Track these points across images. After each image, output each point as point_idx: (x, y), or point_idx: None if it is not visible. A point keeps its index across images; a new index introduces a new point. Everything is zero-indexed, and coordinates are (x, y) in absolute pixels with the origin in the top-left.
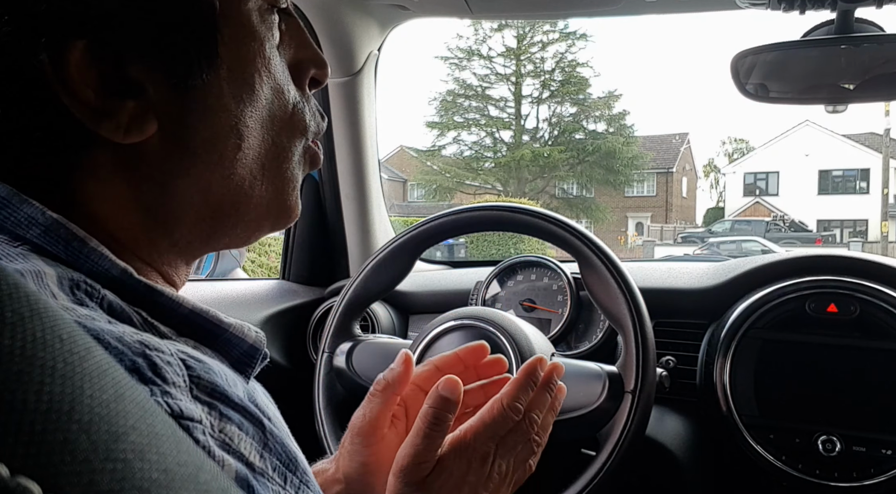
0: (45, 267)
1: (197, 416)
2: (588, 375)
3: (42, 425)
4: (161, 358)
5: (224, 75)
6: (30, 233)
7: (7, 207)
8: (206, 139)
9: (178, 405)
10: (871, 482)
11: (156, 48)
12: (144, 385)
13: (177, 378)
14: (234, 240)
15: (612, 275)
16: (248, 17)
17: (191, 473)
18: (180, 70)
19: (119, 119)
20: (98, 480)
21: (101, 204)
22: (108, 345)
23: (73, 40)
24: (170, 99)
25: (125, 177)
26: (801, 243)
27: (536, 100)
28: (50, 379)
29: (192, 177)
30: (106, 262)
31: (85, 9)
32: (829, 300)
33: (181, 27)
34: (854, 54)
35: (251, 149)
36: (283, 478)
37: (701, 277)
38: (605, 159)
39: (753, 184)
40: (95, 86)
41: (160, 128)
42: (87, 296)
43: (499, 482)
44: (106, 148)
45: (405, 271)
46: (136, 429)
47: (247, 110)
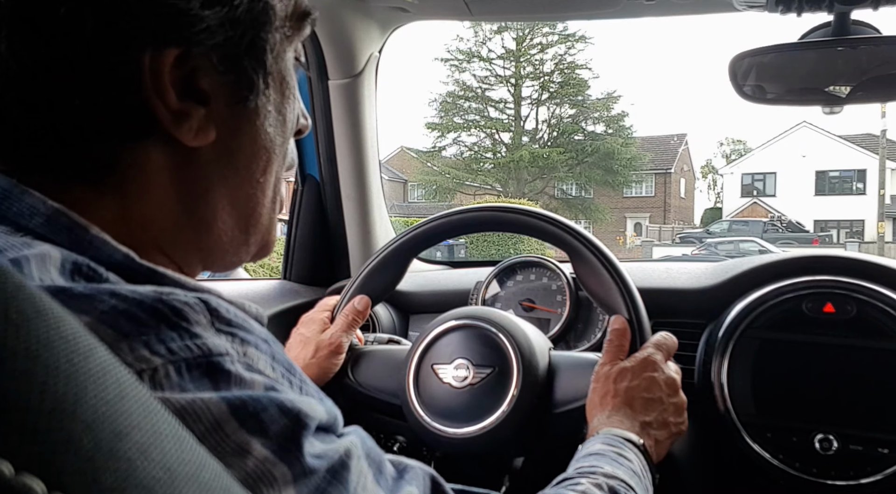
0: (51, 250)
1: (224, 349)
2: (586, 364)
3: (46, 424)
4: (178, 300)
5: (270, 104)
6: (32, 223)
7: (8, 198)
8: (247, 155)
9: (206, 344)
10: (867, 480)
11: (229, 67)
12: (171, 329)
13: (198, 316)
14: (232, 259)
15: (607, 271)
16: (288, 62)
17: (193, 471)
18: (243, 90)
19: (191, 123)
20: (101, 478)
21: (144, 197)
22: (124, 298)
23: (171, 47)
24: (228, 113)
25: (173, 178)
26: (798, 243)
27: (536, 101)
28: (54, 379)
29: (228, 188)
30: (108, 248)
31: (187, 24)
32: (826, 300)
33: (251, 54)
34: (851, 56)
35: (270, 175)
36: (289, 382)
37: (699, 277)
38: (603, 160)
39: (751, 185)
40: (176, 91)
41: (216, 137)
42: (87, 280)
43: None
44: (164, 147)
45: (404, 272)
46: (138, 428)
47: (278, 139)
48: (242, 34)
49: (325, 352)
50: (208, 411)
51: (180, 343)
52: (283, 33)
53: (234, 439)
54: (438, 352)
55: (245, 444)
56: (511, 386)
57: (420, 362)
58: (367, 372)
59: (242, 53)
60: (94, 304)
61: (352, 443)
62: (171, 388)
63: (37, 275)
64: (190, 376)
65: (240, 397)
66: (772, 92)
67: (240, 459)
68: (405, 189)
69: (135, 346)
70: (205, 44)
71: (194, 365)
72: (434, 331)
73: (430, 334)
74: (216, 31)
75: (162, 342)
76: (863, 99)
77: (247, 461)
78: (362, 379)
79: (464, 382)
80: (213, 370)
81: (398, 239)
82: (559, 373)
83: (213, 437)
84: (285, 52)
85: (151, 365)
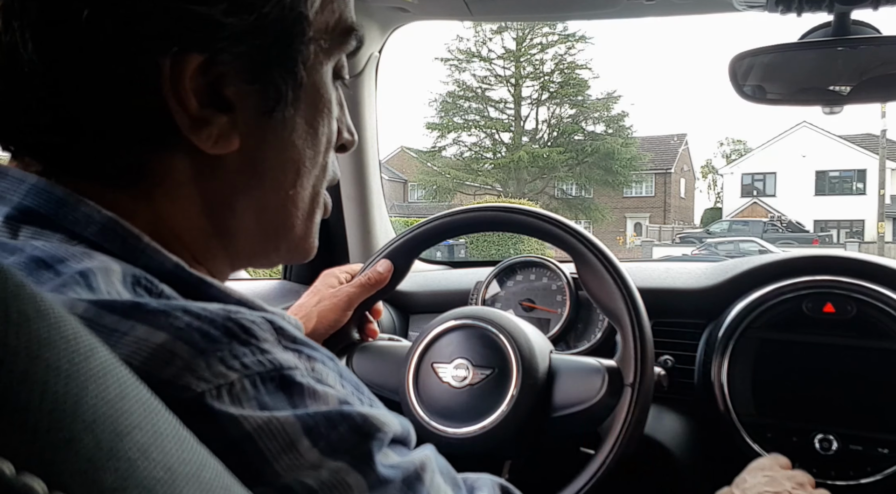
0: (111, 264)
1: (293, 363)
2: (587, 370)
3: (47, 424)
4: (246, 319)
5: (300, 116)
6: (87, 231)
7: (65, 206)
8: (274, 167)
9: (276, 359)
10: (867, 480)
11: (257, 76)
12: (243, 346)
13: (265, 334)
14: (262, 262)
15: (607, 271)
16: (325, 75)
17: (194, 471)
18: (270, 100)
19: (211, 130)
20: (102, 478)
21: (171, 204)
22: (198, 315)
23: (194, 53)
24: (254, 123)
25: (198, 185)
26: (798, 243)
27: (536, 101)
28: (54, 379)
29: (253, 198)
30: (160, 256)
31: (209, 30)
32: (826, 300)
33: (280, 64)
34: (851, 56)
35: (303, 188)
36: (359, 399)
37: (699, 277)
38: (603, 160)
39: (751, 185)
40: (199, 97)
41: (240, 146)
42: (146, 292)
43: None
44: (187, 154)
45: (405, 272)
46: (139, 428)
47: (308, 152)
48: (271, 44)
49: (328, 303)
50: (283, 430)
51: (252, 358)
52: (319, 46)
53: (307, 457)
54: (438, 352)
55: (318, 460)
56: (510, 386)
57: (420, 361)
58: (367, 367)
59: (271, 63)
60: (170, 320)
61: (426, 457)
62: (248, 401)
63: (104, 288)
64: (265, 389)
65: (313, 415)
66: (772, 92)
67: (314, 471)
68: (405, 189)
69: (211, 362)
70: (230, 51)
71: (268, 379)
72: (434, 331)
73: (430, 333)
74: (241, 38)
75: (235, 357)
76: (863, 99)
77: (321, 472)
78: (362, 372)
79: (463, 382)
80: (286, 383)
81: (398, 239)
82: (559, 377)
83: (287, 456)
84: (322, 65)
85: (228, 380)
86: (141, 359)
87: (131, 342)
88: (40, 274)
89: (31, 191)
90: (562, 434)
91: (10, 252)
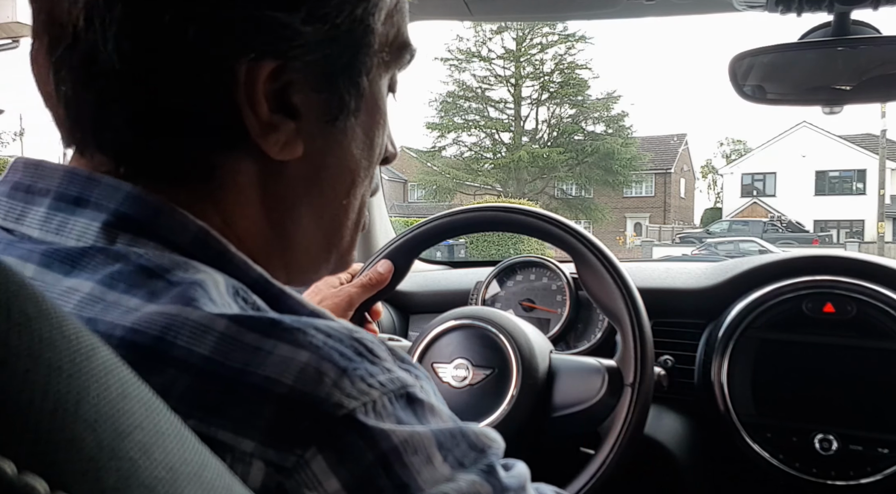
0: (214, 274)
1: (412, 381)
2: (587, 370)
3: (48, 423)
4: (367, 339)
5: (359, 126)
6: (181, 240)
7: (160, 214)
8: (333, 175)
9: (399, 377)
10: (867, 480)
11: (323, 85)
12: (373, 365)
13: (384, 353)
14: (311, 277)
15: (607, 271)
16: (382, 88)
17: (195, 470)
18: (334, 109)
19: (279, 136)
20: (104, 477)
21: (238, 209)
22: (328, 333)
23: (269, 59)
24: (317, 131)
25: (262, 191)
26: (798, 243)
27: (536, 101)
28: (56, 378)
29: (312, 206)
30: (245, 267)
31: (287, 38)
32: (826, 300)
33: (346, 74)
34: (851, 56)
35: (354, 198)
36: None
37: (699, 277)
38: (603, 160)
39: (751, 185)
40: (269, 103)
41: (304, 153)
42: (244, 301)
43: None
44: (253, 159)
45: (405, 272)
46: (141, 428)
47: (363, 162)
48: (340, 53)
49: (330, 303)
50: (423, 445)
51: (384, 376)
52: (381, 58)
53: (441, 471)
54: (438, 352)
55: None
56: (510, 386)
57: (420, 361)
58: None
59: (338, 72)
60: (308, 339)
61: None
62: (388, 417)
63: (219, 300)
64: (399, 405)
65: (442, 431)
66: (772, 92)
67: (452, 483)
68: (405, 189)
69: (354, 380)
70: (302, 59)
71: (398, 396)
72: (434, 331)
73: (430, 333)
74: (315, 47)
75: (372, 376)
76: (863, 99)
77: (458, 484)
78: None
79: (463, 382)
80: (412, 400)
81: (398, 239)
82: (559, 377)
83: (427, 470)
84: (381, 77)
85: (371, 398)
86: (292, 378)
87: (278, 360)
88: (152, 284)
89: (127, 198)
90: (562, 434)
91: (115, 258)
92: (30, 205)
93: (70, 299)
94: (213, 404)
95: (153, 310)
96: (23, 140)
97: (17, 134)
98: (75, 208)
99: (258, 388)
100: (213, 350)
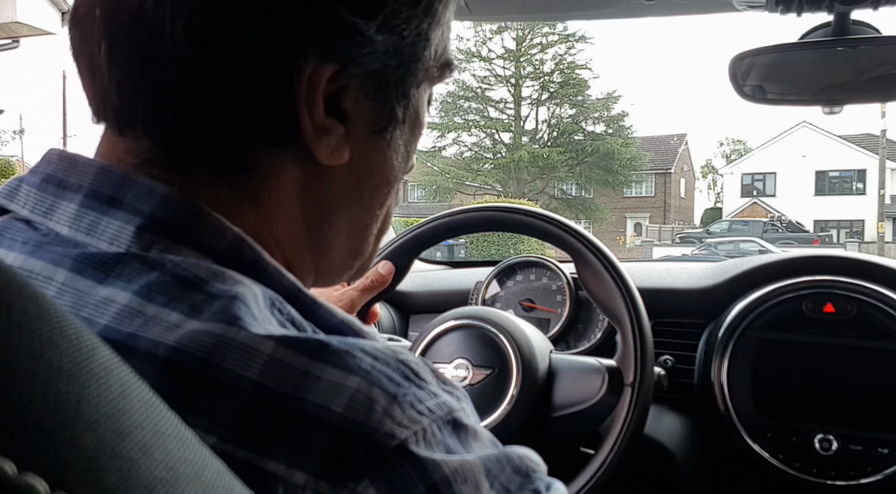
0: (252, 285)
1: (456, 405)
2: (587, 370)
3: (49, 423)
4: (412, 361)
5: (402, 138)
6: (217, 247)
7: (196, 219)
8: (373, 185)
9: (446, 402)
10: (867, 480)
11: (378, 94)
12: (420, 390)
13: (429, 375)
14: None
15: (607, 271)
16: (424, 101)
17: (195, 470)
18: (384, 119)
19: (330, 140)
20: (104, 477)
21: (276, 209)
22: (375, 356)
23: (332, 62)
24: (364, 138)
25: (303, 193)
26: (798, 243)
27: (536, 101)
28: (56, 378)
29: (350, 212)
30: (278, 275)
31: (357, 44)
32: (826, 300)
33: (400, 85)
34: (851, 56)
35: (384, 208)
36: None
37: (699, 277)
38: (603, 160)
39: (751, 185)
40: (325, 106)
41: (349, 160)
42: (279, 313)
43: None
44: (297, 161)
45: (405, 272)
46: (141, 427)
47: (399, 174)
48: (399, 65)
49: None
50: (472, 473)
51: (432, 402)
52: (431, 73)
53: None
54: (438, 352)
55: None
56: (510, 386)
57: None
58: None
59: (393, 83)
60: (357, 362)
61: (564, 488)
62: (437, 446)
63: (259, 317)
64: (447, 432)
65: (488, 457)
66: (772, 92)
67: None
68: (405, 189)
69: (405, 408)
70: (365, 66)
71: (446, 422)
72: (434, 331)
73: (430, 334)
74: (379, 56)
75: (420, 401)
76: (863, 99)
77: None
78: None
79: (463, 382)
80: (457, 426)
81: (398, 239)
82: (559, 376)
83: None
84: (425, 91)
85: (422, 426)
86: (343, 405)
87: (328, 386)
88: (192, 296)
89: (163, 201)
90: (562, 434)
91: (150, 266)
92: (60, 199)
93: (107, 311)
94: (264, 433)
95: (197, 328)
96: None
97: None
98: (108, 208)
99: (309, 417)
100: (261, 373)
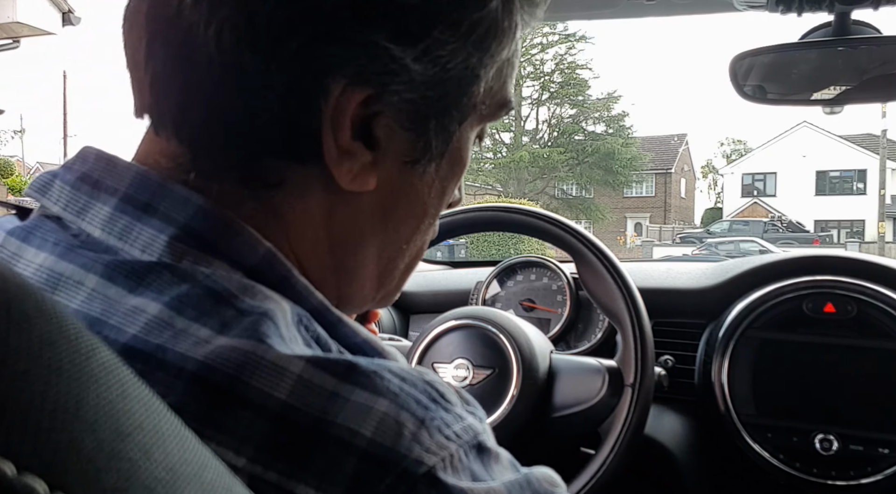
0: (281, 301)
1: (480, 428)
2: (588, 370)
3: (48, 424)
4: (438, 382)
5: (438, 173)
6: (247, 260)
7: (229, 232)
8: (402, 217)
9: (471, 426)
10: (868, 480)
11: (413, 124)
12: (447, 412)
13: (454, 397)
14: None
15: (607, 271)
16: (470, 138)
17: (195, 471)
18: (418, 151)
19: (353, 164)
20: (104, 478)
21: (300, 229)
22: (402, 378)
23: (365, 87)
24: (394, 168)
25: (327, 217)
26: (798, 243)
27: (536, 101)
28: (56, 379)
29: (376, 241)
30: (306, 292)
31: (393, 71)
32: (827, 300)
33: (440, 118)
34: (851, 56)
35: (414, 243)
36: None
37: (699, 277)
38: (603, 160)
39: (751, 185)
40: (353, 130)
41: (376, 188)
42: (306, 330)
43: None
44: (324, 182)
45: None
46: (141, 428)
47: (432, 210)
48: (440, 97)
49: None
50: None
51: (459, 426)
52: (480, 110)
53: None
54: (438, 352)
55: None
56: (511, 386)
57: (420, 361)
58: None
59: (432, 115)
60: (385, 384)
61: None
62: (464, 471)
63: (287, 336)
64: (472, 457)
65: (512, 483)
66: (772, 92)
67: None
68: None
69: (432, 433)
70: (400, 95)
71: (471, 446)
72: (434, 331)
73: (431, 333)
74: (417, 86)
75: (448, 425)
76: (863, 99)
77: None
78: None
79: (463, 382)
80: (482, 450)
81: None
82: (560, 377)
83: None
84: (472, 128)
85: (449, 452)
86: (371, 429)
87: (356, 408)
88: (222, 311)
89: (197, 213)
90: (562, 435)
91: (181, 278)
92: (94, 200)
93: (136, 320)
94: (293, 456)
95: (226, 344)
96: (23, 139)
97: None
98: (142, 214)
99: (339, 440)
100: (289, 394)
